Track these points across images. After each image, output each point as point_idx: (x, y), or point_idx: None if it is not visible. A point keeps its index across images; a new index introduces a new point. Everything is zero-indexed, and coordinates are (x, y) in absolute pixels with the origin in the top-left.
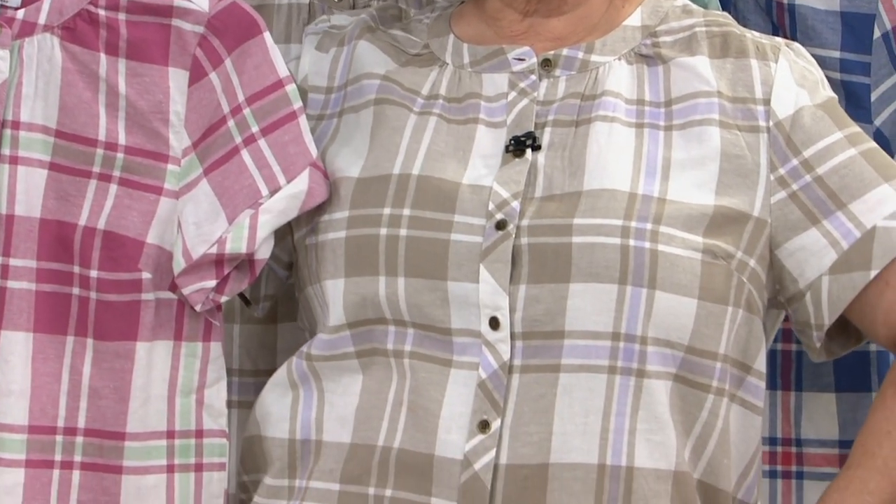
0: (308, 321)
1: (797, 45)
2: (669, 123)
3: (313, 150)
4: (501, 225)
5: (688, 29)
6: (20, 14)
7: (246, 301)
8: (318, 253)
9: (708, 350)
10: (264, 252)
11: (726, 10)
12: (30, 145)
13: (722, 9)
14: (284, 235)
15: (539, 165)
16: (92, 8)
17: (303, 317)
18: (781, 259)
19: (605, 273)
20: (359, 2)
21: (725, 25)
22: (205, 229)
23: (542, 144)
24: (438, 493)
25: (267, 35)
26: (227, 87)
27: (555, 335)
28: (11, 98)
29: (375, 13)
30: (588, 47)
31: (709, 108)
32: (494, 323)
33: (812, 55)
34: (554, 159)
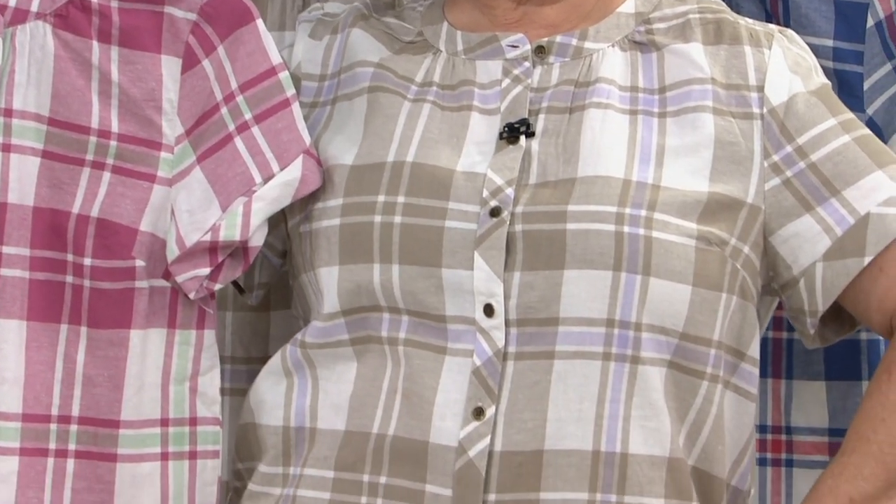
0: (302, 309)
1: (791, 32)
2: (663, 110)
3: (307, 138)
4: (496, 212)
5: (681, 16)
6: (12, 1)
7: (240, 289)
8: (313, 240)
9: (702, 336)
10: (258, 239)
11: None
12: (23, 133)
13: None
14: (278, 223)
15: (533, 152)
16: None
17: (297, 304)
18: (775, 246)
19: (600, 260)
20: None
21: (719, 12)
22: (198, 217)
23: (536, 131)
24: (433, 480)
25: (260, 22)
26: (220, 75)
27: (549, 322)
28: (4, 86)
29: (369, 1)
30: (582, 34)
31: (702, 95)
32: (489, 310)
33: (805, 43)
34: (548, 146)
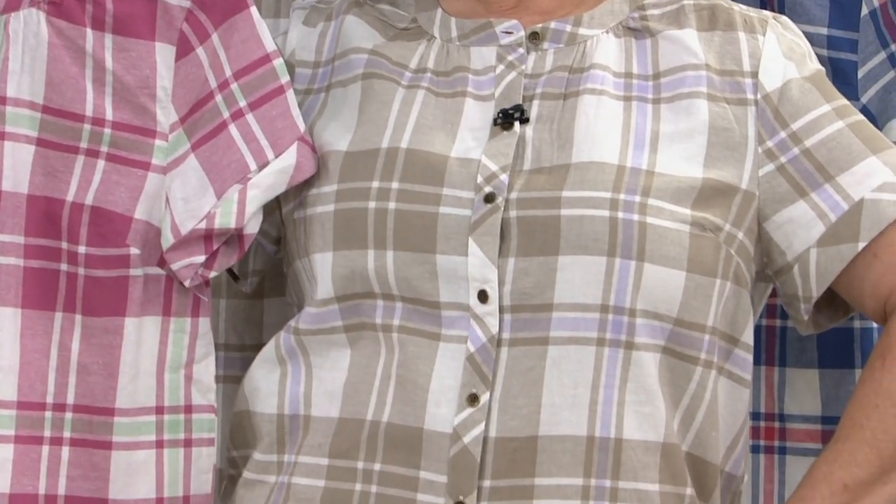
0: (296, 295)
1: (785, 19)
2: (657, 96)
3: (301, 125)
4: (490, 198)
5: (675, 2)
6: None
7: (234, 276)
8: (307, 227)
9: (696, 322)
10: (253, 227)
11: None
12: (16, 121)
13: None
14: (273, 210)
15: (527, 138)
16: None
17: (291, 291)
18: (769, 232)
19: (594, 245)
20: None
21: None
22: (193, 204)
23: (531, 117)
24: (427, 467)
25: (254, 9)
26: (215, 62)
27: (543, 308)
28: None
29: None
30: (576, 20)
31: (697, 81)
32: (483, 296)
33: (799, 30)
34: (542, 132)
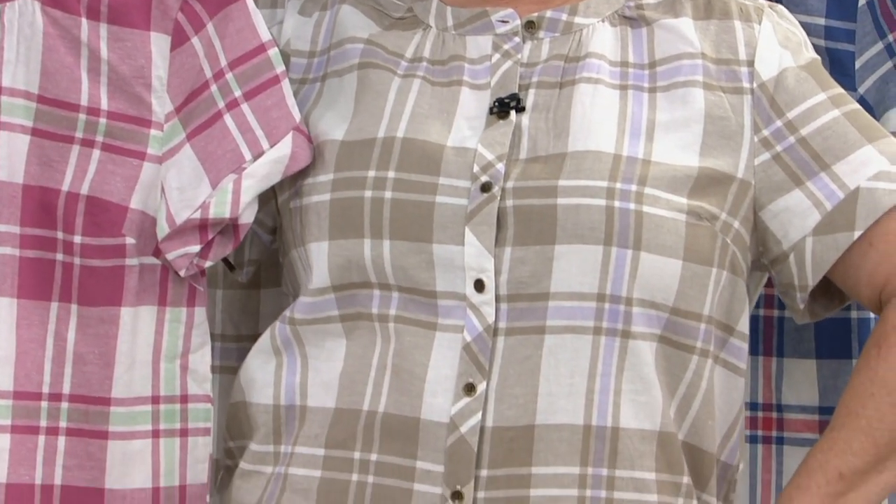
0: (292, 285)
1: (780, 7)
2: (653, 85)
3: (296, 114)
4: (486, 187)
5: None
6: None
7: (230, 266)
8: (303, 216)
9: (692, 311)
10: (248, 216)
11: None
12: (12, 111)
13: None
14: (268, 199)
15: (523, 127)
16: None
17: (287, 281)
18: (765, 220)
19: (591, 234)
20: None
21: None
22: (188, 194)
23: (527, 106)
24: (424, 457)
25: None
26: (210, 52)
27: (540, 297)
28: None
29: None
30: (572, 9)
31: (693, 70)
32: (479, 285)
33: (795, 19)
34: (538, 121)
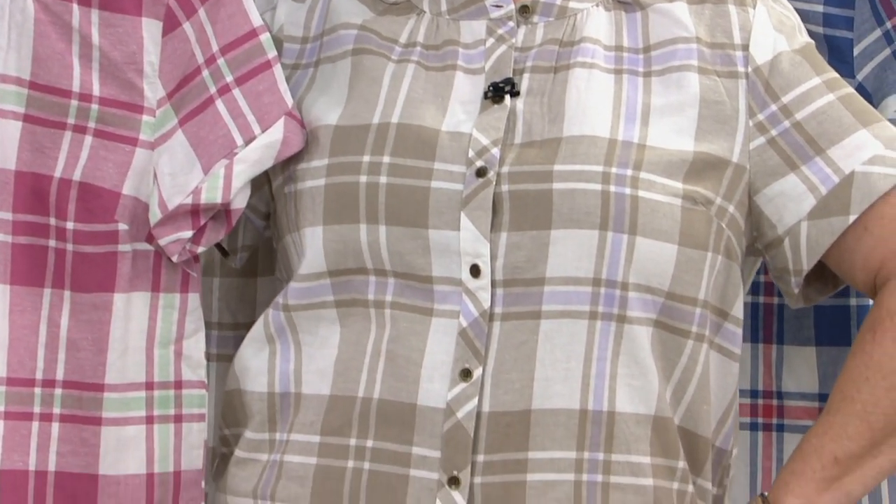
0: (286, 271)
1: None
2: (648, 69)
3: (288, 100)
4: (482, 172)
5: None
6: None
7: (223, 252)
8: (297, 201)
9: (688, 296)
10: (240, 202)
11: None
12: (3, 97)
13: None
14: (262, 185)
15: (518, 111)
16: None
17: (280, 267)
18: (760, 205)
19: (586, 219)
20: None
21: None
22: (180, 180)
23: (521, 91)
24: (420, 443)
25: None
26: (201, 37)
27: (536, 282)
28: None
29: None
30: None
31: (687, 54)
32: (475, 270)
33: (795, 9)
34: (533, 105)
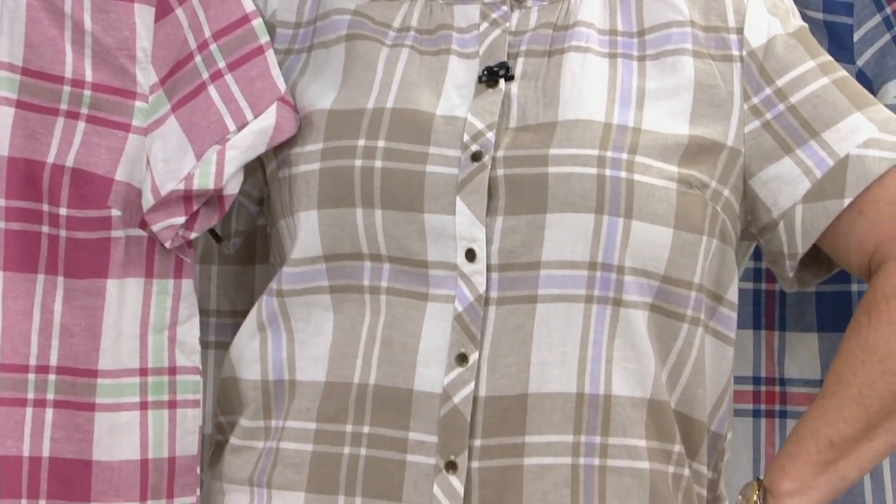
0: (280, 256)
1: None
2: (643, 53)
3: (281, 85)
4: (477, 156)
5: None
6: None
7: (216, 237)
8: (292, 185)
9: (683, 279)
10: (233, 187)
11: None
12: None
13: None
14: (255, 170)
15: (513, 96)
16: None
17: (274, 252)
18: (755, 189)
19: (582, 203)
20: None
21: None
22: (173, 166)
23: (515, 75)
24: (417, 428)
25: None
26: (194, 23)
27: (531, 266)
28: None
29: None
30: None
31: (682, 38)
32: (470, 255)
33: None
34: (527, 89)
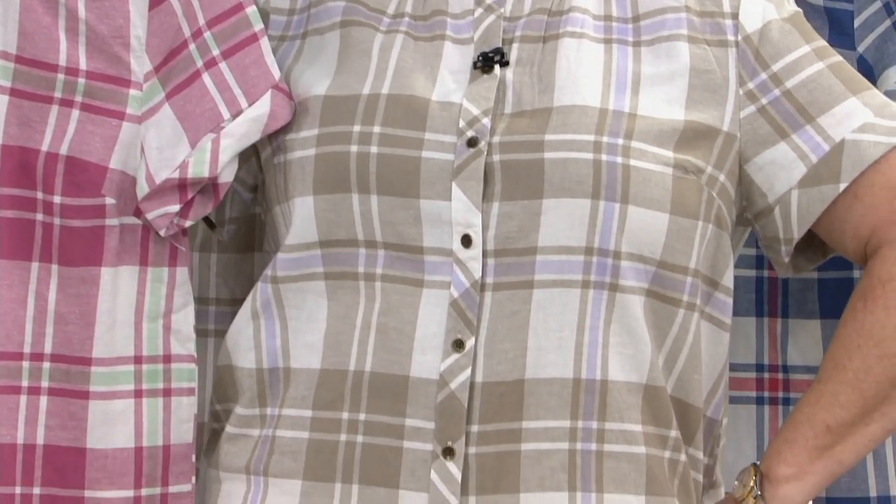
0: (273, 242)
1: None
2: (638, 39)
3: (276, 72)
4: (473, 142)
5: None
6: None
7: (210, 224)
8: (287, 171)
9: (679, 265)
10: (227, 176)
11: None
12: None
13: None
14: (249, 157)
15: (508, 82)
16: None
17: (269, 239)
18: (751, 174)
19: (578, 188)
20: None
21: None
22: (167, 154)
23: (510, 61)
24: (414, 414)
25: None
26: (188, 11)
27: (527, 251)
28: None
29: None
30: None
31: (677, 24)
32: (466, 241)
33: None
34: (522, 75)
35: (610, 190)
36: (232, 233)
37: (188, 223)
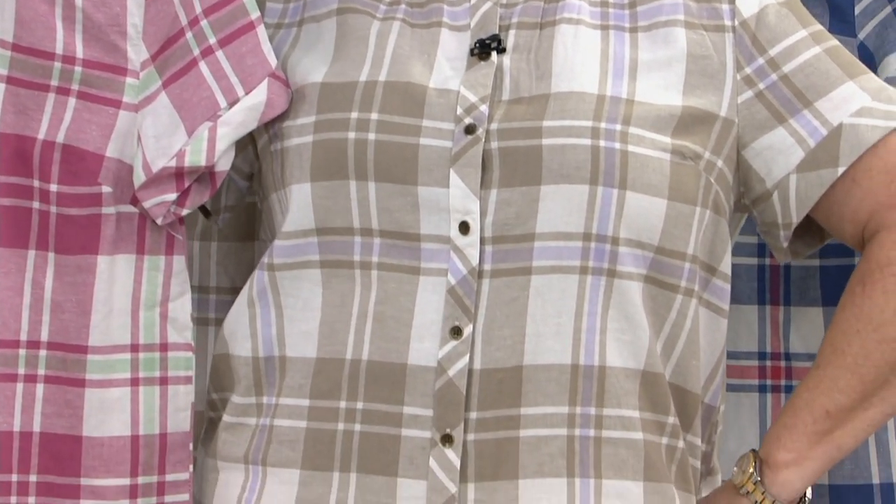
0: (270, 230)
1: None
2: (634, 25)
3: (272, 61)
4: (470, 129)
5: None
6: None
7: (206, 213)
8: (284, 158)
9: (677, 250)
10: (224, 164)
11: None
12: None
13: None
14: (245, 145)
15: (505, 68)
16: None
17: (265, 227)
18: (748, 159)
19: (576, 174)
20: None
21: None
22: (164, 142)
23: (507, 47)
24: (412, 402)
25: None
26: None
27: (525, 238)
28: None
29: None
30: None
31: (674, 9)
32: (464, 228)
33: None
34: (519, 62)
35: (608, 176)
36: (227, 221)
37: (185, 212)
